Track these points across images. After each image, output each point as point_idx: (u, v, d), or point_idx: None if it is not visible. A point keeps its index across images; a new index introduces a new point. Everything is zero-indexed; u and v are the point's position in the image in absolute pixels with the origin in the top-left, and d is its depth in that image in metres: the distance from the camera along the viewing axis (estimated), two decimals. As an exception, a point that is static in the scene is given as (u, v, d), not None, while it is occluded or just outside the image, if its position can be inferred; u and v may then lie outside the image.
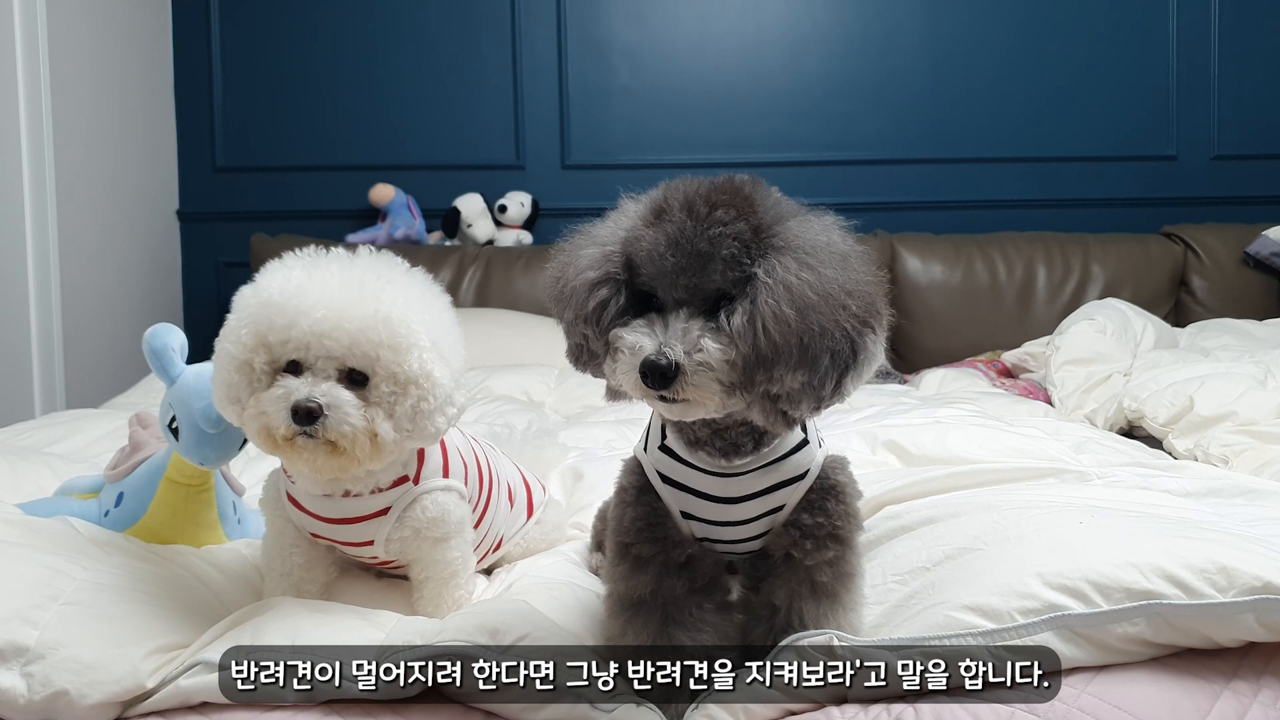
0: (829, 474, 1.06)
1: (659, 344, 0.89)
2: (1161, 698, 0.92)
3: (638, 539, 1.06)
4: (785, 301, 0.88)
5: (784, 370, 0.88)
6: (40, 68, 2.80)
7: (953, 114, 3.79)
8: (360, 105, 3.74)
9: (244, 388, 1.09)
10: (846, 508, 1.06)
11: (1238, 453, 1.86)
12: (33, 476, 1.61)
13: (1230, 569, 0.95)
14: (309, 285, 1.08)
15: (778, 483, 1.04)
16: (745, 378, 0.89)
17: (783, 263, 0.90)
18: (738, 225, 0.90)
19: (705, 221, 0.91)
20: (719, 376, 0.89)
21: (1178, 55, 3.80)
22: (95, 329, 3.14)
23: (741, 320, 0.89)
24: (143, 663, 1.01)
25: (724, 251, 0.90)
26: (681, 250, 0.90)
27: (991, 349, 3.24)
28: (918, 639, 0.97)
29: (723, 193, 0.93)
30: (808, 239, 0.92)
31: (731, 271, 0.90)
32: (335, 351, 1.06)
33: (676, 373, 0.88)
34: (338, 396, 1.05)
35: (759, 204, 0.93)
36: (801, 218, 0.95)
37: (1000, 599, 0.98)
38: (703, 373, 0.89)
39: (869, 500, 1.40)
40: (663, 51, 3.77)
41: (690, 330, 0.90)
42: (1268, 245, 3.43)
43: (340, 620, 1.08)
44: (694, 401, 0.90)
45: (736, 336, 0.89)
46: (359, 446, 1.07)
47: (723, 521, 1.06)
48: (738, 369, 0.89)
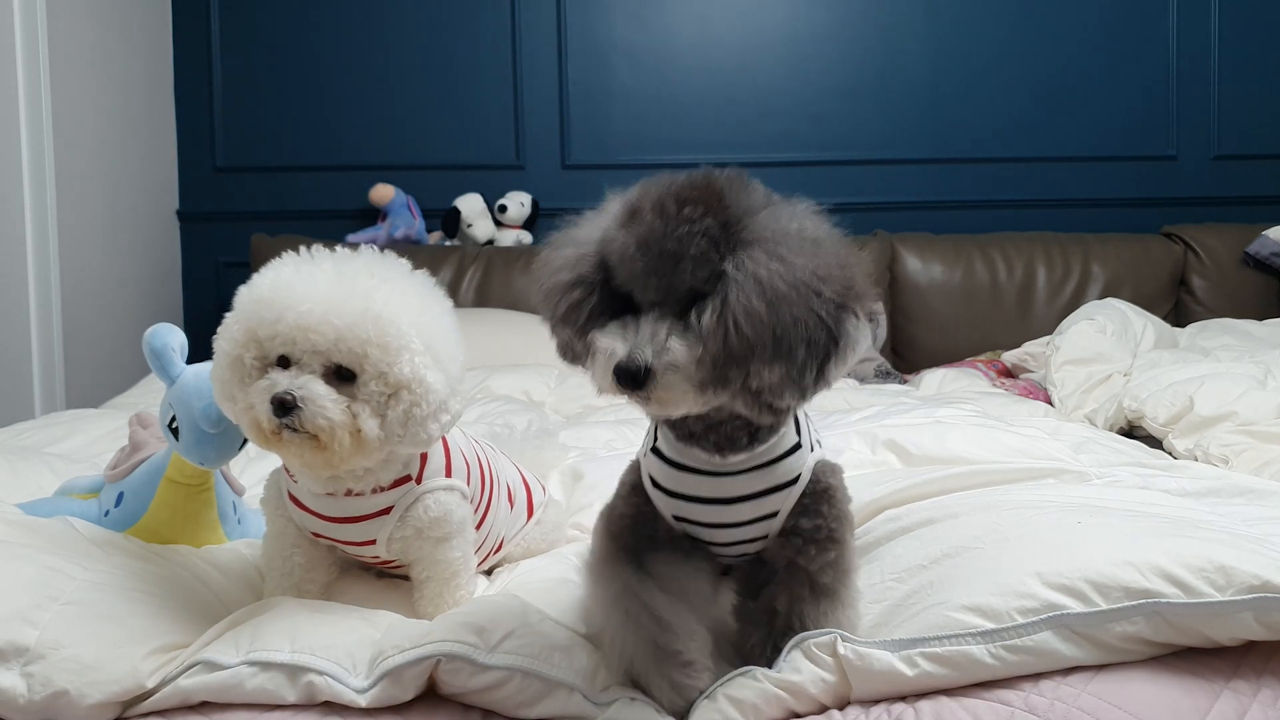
0: (821, 478, 1.06)
1: (630, 347, 0.89)
2: (1161, 697, 0.92)
3: (623, 533, 1.07)
4: (755, 295, 0.87)
5: (760, 365, 0.88)
6: (40, 68, 2.80)
7: (953, 114, 3.79)
8: (360, 105, 3.74)
9: (236, 384, 1.09)
10: (839, 510, 1.06)
11: (1238, 453, 1.86)
12: (33, 476, 1.61)
13: (1228, 568, 0.96)
14: (298, 280, 1.08)
15: (771, 487, 1.04)
16: (718, 375, 0.89)
17: (752, 256, 0.89)
18: (705, 222, 0.90)
19: (675, 221, 0.90)
20: (688, 376, 0.89)
21: (1178, 55, 3.80)
22: (95, 329, 3.14)
23: (711, 318, 0.88)
24: (143, 662, 1.01)
25: (692, 250, 0.89)
26: (651, 252, 0.90)
27: (991, 349, 3.24)
28: (918, 638, 0.97)
29: (693, 189, 0.92)
30: (777, 229, 0.91)
31: (701, 270, 0.89)
32: (321, 346, 1.06)
33: (648, 375, 0.88)
34: (313, 389, 1.05)
35: (729, 199, 0.92)
36: (773, 208, 0.94)
37: (1000, 599, 0.98)
38: (672, 373, 0.89)
39: (868, 503, 1.40)
40: (663, 51, 3.77)
41: (659, 332, 0.90)
42: (1268, 245, 3.43)
43: (341, 621, 1.08)
44: (668, 401, 0.91)
45: (706, 335, 0.88)
46: (339, 441, 1.06)
47: (716, 523, 1.05)
48: (707, 367, 0.89)
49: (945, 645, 0.95)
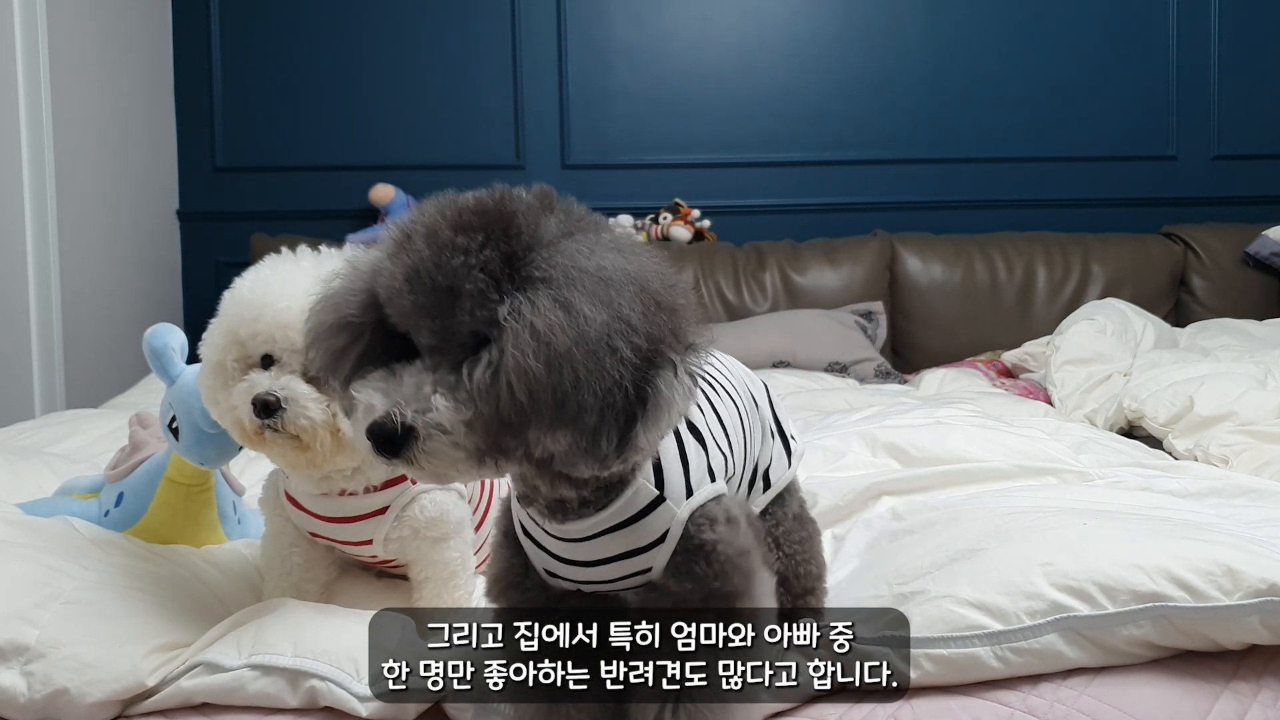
0: (696, 534, 0.88)
1: (390, 404, 0.74)
2: (1161, 699, 0.92)
3: (499, 598, 0.95)
4: (532, 352, 0.72)
5: (539, 431, 0.74)
6: (40, 68, 2.80)
7: (953, 114, 3.79)
8: (360, 105, 3.74)
9: (220, 388, 1.10)
10: (718, 563, 0.88)
11: (1237, 453, 1.86)
12: (33, 476, 1.61)
13: (1236, 571, 0.95)
14: (275, 280, 1.09)
15: (633, 549, 0.88)
16: (491, 442, 0.75)
17: (534, 302, 0.73)
18: (484, 254, 0.75)
19: (449, 250, 0.75)
20: (458, 440, 0.74)
21: (1178, 55, 3.80)
22: (95, 329, 3.14)
23: (484, 373, 0.73)
24: (143, 661, 1.01)
25: (468, 286, 0.74)
26: (421, 286, 0.75)
27: (991, 349, 3.24)
28: (922, 638, 0.96)
29: (475, 213, 0.77)
30: (570, 266, 0.75)
31: (480, 310, 0.74)
32: (299, 343, 1.06)
33: (408, 437, 0.74)
34: (295, 389, 1.06)
35: (518, 225, 0.77)
36: (574, 239, 0.78)
37: (1008, 598, 0.97)
38: (437, 437, 0.74)
39: (868, 487, 1.40)
40: (663, 51, 3.77)
41: (423, 385, 0.75)
42: (1268, 245, 3.43)
43: (344, 624, 1.08)
44: (435, 470, 0.76)
45: (477, 394, 0.74)
46: (320, 441, 1.07)
47: (587, 580, 0.91)
48: (479, 433, 0.74)
49: (952, 648, 0.95)
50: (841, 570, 1.25)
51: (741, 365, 1.14)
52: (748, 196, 3.76)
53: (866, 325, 3.30)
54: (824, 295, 3.41)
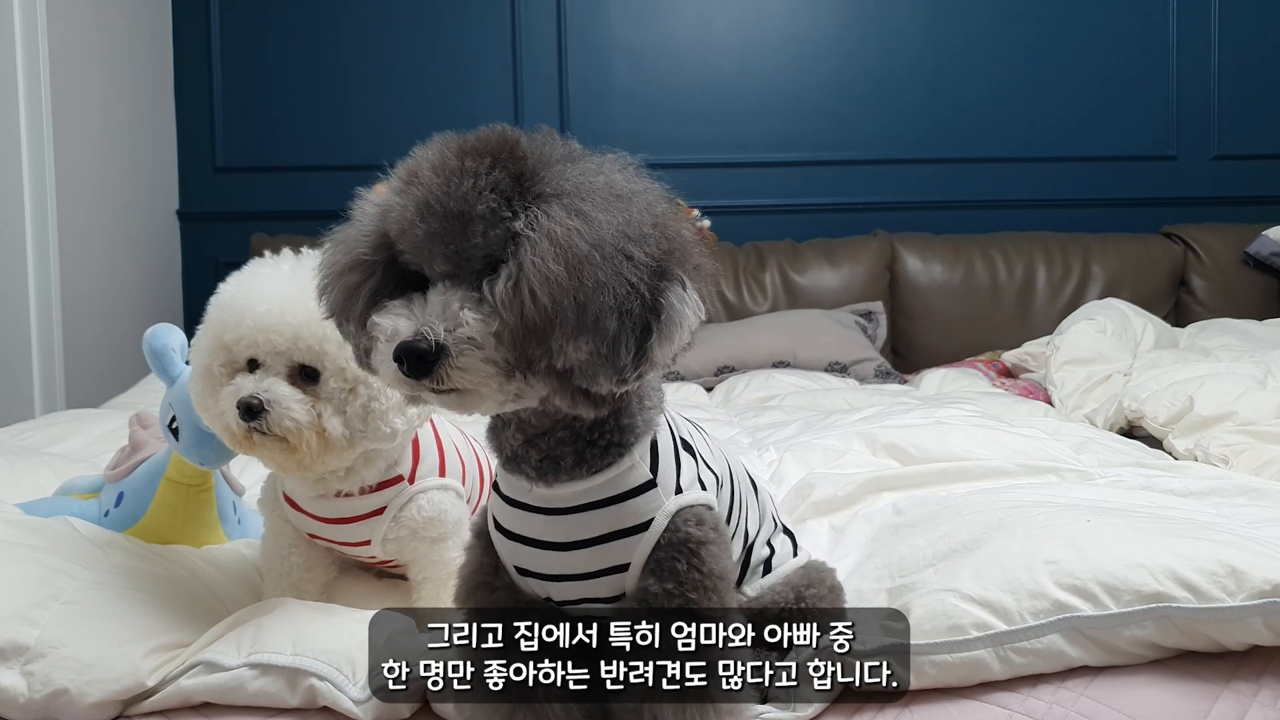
0: (681, 526, 0.87)
1: (417, 324, 0.76)
2: (1160, 700, 0.92)
3: (467, 599, 0.94)
4: (551, 257, 0.74)
5: (563, 339, 0.75)
6: (40, 68, 2.80)
7: (952, 114, 3.79)
8: (360, 105, 3.74)
9: (208, 394, 1.10)
10: (700, 569, 0.87)
11: (1238, 453, 1.86)
12: (33, 476, 1.61)
13: (1240, 571, 0.95)
14: (255, 283, 1.10)
15: (615, 530, 0.88)
16: (519, 353, 0.76)
17: (549, 212, 0.76)
18: (494, 175, 0.77)
19: (458, 176, 0.78)
20: (489, 354, 0.76)
21: (1178, 55, 3.80)
22: (95, 329, 3.14)
23: (505, 286, 0.76)
24: (143, 661, 1.01)
25: (480, 207, 0.76)
26: (433, 214, 0.78)
27: (991, 349, 3.24)
28: (924, 645, 0.96)
29: (480, 141, 0.80)
30: (580, 181, 0.79)
31: (494, 230, 0.77)
32: (281, 346, 1.07)
33: (439, 355, 0.75)
34: (278, 392, 1.06)
35: (523, 149, 0.80)
36: (577, 160, 0.82)
37: (1011, 597, 0.97)
38: (470, 352, 0.76)
39: (867, 481, 1.40)
40: (663, 51, 3.77)
41: (451, 303, 0.77)
42: (1268, 245, 3.43)
43: (342, 623, 1.08)
44: (469, 390, 0.77)
45: (501, 305, 0.76)
46: (306, 442, 1.07)
47: (557, 574, 0.90)
48: (507, 343, 0.76)
49: (956, 653, 0.94)
50: (842, 563, 1.25)
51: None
52: (748, 196, 3.76)
53: (866, 325, 3.30)
54: (824, 295, 3.41)
